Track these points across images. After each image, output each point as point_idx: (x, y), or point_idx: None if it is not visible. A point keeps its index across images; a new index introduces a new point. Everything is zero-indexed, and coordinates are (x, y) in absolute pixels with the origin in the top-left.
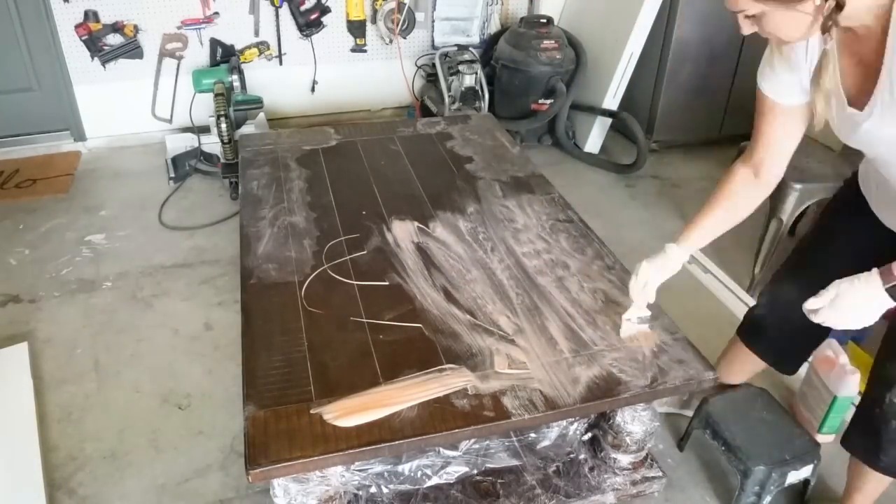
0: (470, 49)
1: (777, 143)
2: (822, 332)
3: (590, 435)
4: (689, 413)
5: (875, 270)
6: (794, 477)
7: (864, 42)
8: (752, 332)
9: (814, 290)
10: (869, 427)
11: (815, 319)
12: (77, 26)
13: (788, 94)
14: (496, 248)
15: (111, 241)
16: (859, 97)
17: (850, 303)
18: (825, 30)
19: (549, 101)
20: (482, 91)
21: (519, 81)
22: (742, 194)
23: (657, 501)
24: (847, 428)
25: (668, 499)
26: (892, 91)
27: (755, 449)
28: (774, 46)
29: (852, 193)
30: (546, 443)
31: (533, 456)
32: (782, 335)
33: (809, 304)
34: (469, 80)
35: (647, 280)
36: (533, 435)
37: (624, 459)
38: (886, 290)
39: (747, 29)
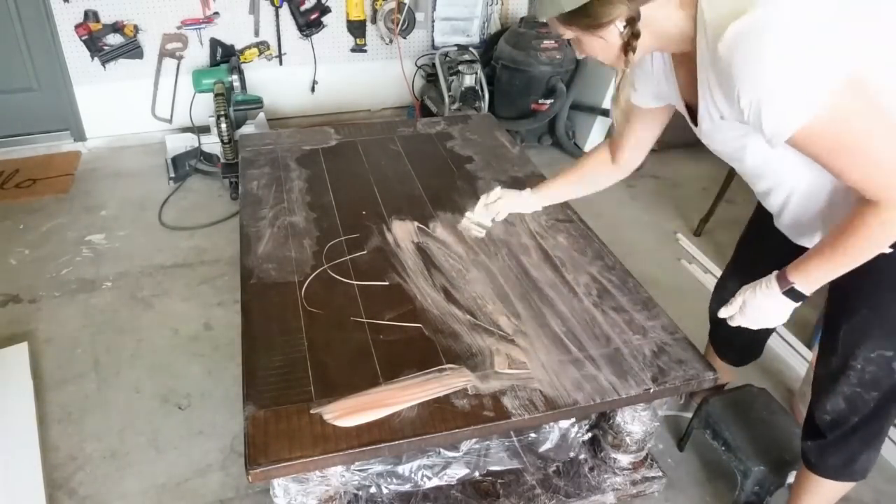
0: (470, 49)
1: (635, 137)
2: (767, 329)
3: (590, 435)
4: (689, 415)
5: (773, 275)
6: (794, 477)
7: (690, 61)
8: (712, 328)
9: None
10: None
11: (732, 324)
12: (77, 26)
13: (643, 100)
14: (496, 248)
15: (111, 241)
16: (696, 110)
17: (756, 308)
18: (626, 53)
19: (549, 101)
20: (482, 91)
21: (519, 81)
22: (598, 172)
23: (657, 501)
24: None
25: (668, 499)
26: (707, 110)
27: (755, 449)
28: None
29: None
30: (549, 445)
31: (533, 456)
32: (730, 329)
33: (721, 313)
34: (469, 80)
35: (497, 199)
36: (533, 435)
37: (624, 459)
38: (784, 293)
39: (578, 53)
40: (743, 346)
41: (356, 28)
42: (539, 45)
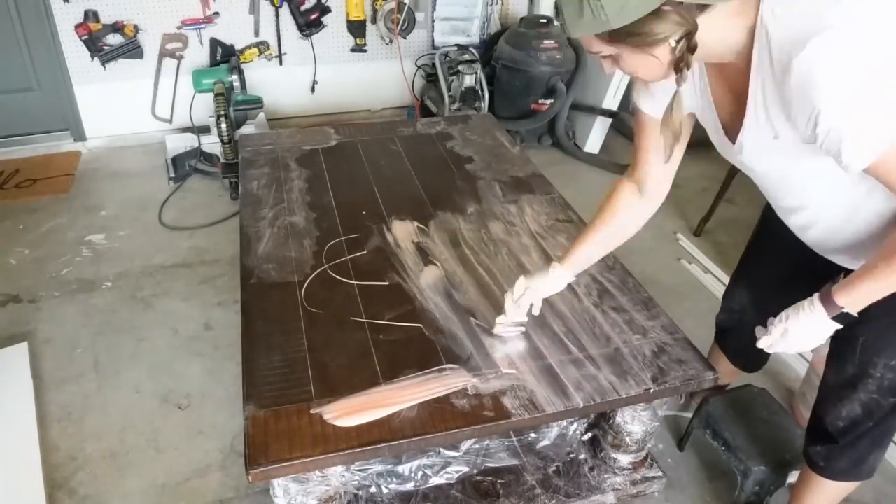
0: (470, 49)
1: (658, 156)
2: None
3: (590, 435)
4: (689, 415)
5: (816, 298)
6: (794, 477)
7: (731, 73)
8: (720, 334)
9: (757, 294)
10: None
11: (770, 351)
12: (77, 26)
13: (660, 105)
14: (496, 248)
15: (111, 241)
16: (734, 126)
17: (800, 334)
18: (678, 70)
19: (549, 101)
20: (482, 91)
21: (519, 81)
22: (627, 211)
23: (657, 501)
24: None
25: (668, 499)
26: (758, 128)
27: (755, 449)
28: None
29: None
30: (546, 442)
31: (533, 456)
32: (742, 337)
33: (762, 343)
34: (469, 80)
35: (522, 295)
36: (533, 435)
37: (624, 459)
38: (833, 318)
39: (608, 68)
40: (756, 353)
41: (356, 28)
42: (539, 45)
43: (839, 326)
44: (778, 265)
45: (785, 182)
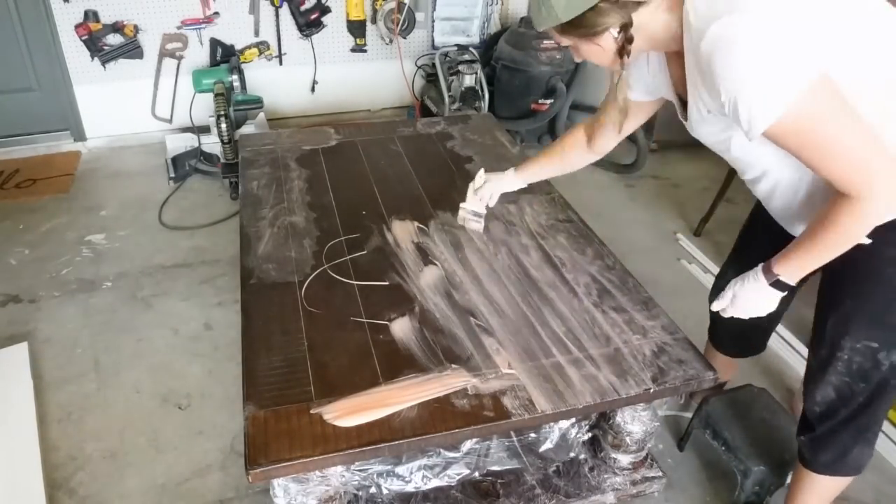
0: (470, 49)
1: (619, 128)
2: (771, 318)
3: (590, 435)
4: (689, 415)
5: (760, 267)
6: (792, 474)
7: (681, 58)
8: (711, 328)
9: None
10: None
11: (724, 315)
12: (77, 26)
13: (634, 95)
14: (496, 248)
15: (111, 241)
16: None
17: (746, 299)
18: (621, 56)
19: (549, 101)
20: (482, 91)
21: (519, 81)
22: (575, 154)
23: (657, 501)
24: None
25: (668, 499)
26: (695, 103)
27: (755, 449)
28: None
29: None
30: (548, 445)
31: (533, 456)
32: (732, 326)
33: (714, 306)
34: (469, 80)
35: (484, 183)
36: (533, 436)
37: (624, 459)
38: (770, 284)
39: (576, 57)
40: (741, 336)
41: (356, 28)
42: (539, 45)
43: (782, 294)
44: (766, 248)
45: (732, 153)
